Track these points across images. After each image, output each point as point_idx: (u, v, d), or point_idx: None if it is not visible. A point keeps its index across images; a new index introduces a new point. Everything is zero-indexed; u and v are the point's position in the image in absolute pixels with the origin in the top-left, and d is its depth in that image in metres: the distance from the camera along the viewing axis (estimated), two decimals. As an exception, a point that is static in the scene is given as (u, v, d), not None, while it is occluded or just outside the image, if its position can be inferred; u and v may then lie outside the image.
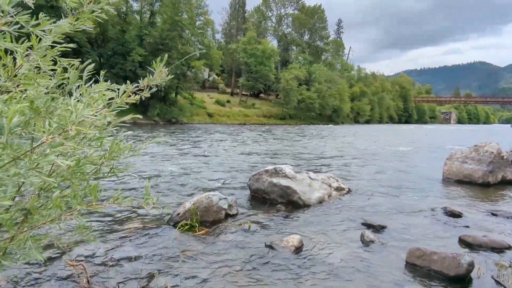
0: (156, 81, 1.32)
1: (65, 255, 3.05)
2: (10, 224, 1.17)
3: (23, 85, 1.26)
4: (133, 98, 1.25)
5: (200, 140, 18.02)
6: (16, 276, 2.73)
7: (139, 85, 1.27)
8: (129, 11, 41.89)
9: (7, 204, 1.02)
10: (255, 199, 5.70)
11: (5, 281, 2.66)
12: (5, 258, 1.31)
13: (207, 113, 47.67)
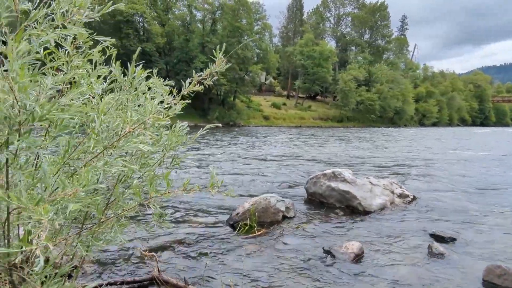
0: (217, 69, 1.43)
1: (140, 245, 3.38)
2: (100, 210, 1.35)
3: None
4: (198, 88, 1.38)
5: (256, 142, 18.37)
6: (98, 260, 3.11)
7: (202, 74, 1.40)
8: (192, 20, 44.52)
9: (102, 187, 1.19)
10: (312, 203, 5.64)
11: (90, 263, 3.04)
12: (95, 241, 1.52)
13: (263, 116, 48.33)
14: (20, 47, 0.91)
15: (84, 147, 1.37)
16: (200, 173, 8.13)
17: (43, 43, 1.05)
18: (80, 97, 1.28)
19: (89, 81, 1.27)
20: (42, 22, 1.02)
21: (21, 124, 1.01)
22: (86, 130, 1.41)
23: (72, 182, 0.98)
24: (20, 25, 0.99)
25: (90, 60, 1.28)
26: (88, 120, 1.35)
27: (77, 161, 1.35)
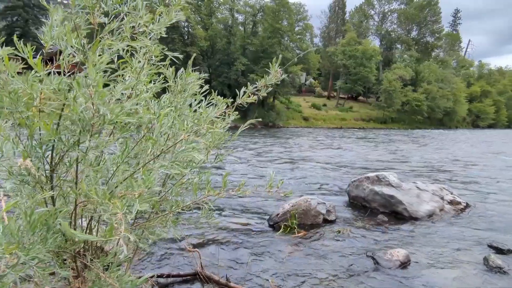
0: (272, 81, 1.46)
1: (184, 241, 3.53)
2: (158, 207, 1.45)
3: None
4: (252, 98, 1.42)
5: (296, 143, 18.24)
6: (147, 253, 3.31)
7: (257, 86, 1.43)
8: (234, 23, 45.39)
9: (157, 190, 1.28)
10: (354, 206, 5.50)
11: (138, 257, 3.25)
12: (151, 234, 1.62)
13: (303, 117, 47.84)
14: (101, 59, 1.02)
15: (140, 147, 1.48)
16: (240, 173, 8.28)
17: (113, 53, 1.16)
18: (141, 102, 1.39)
19: (151, 90, 1.38)
20: (114, 34, 1.13)
21: (94, 125, 1.12)
22: (141, 131, 1.53)
23: (137, 182, 1.07)
24: (96, 36, 1.11)
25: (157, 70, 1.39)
26: (146, 123, 1.45)
27: (134, 159, 1.47)
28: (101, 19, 1.13)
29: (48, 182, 1.24)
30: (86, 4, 1.15)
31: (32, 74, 1.27)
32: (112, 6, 1.16)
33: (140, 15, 1.15)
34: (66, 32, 1.22)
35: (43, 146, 1.19)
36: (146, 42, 1.23)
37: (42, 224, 1.04)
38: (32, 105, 1.26)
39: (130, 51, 1.44)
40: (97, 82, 1.02)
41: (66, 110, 1.18)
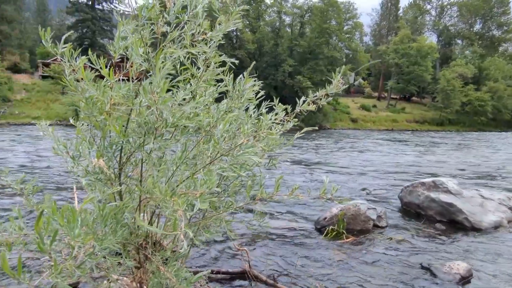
0: (333, 90, 1.44)
1: (234, 240, 3.62)
2: (214, 206, 1.51)
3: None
4: (311, 107, 1.41)
5: (343, 145, 17.71)
6: (198, 251, 3.45)
7: (317, 95, 1.42)
8: (282, 25, 45.47)
9: (216, 190, 1.34)
10: (407, 213, 5.19)
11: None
12: (205, 232, 1.70)
13: (351, 118, 46.24)
14: (163, 66, 1.11)
15: (198, 149, 1.56)
16: (287, 175, 8.26)
17: (174, 60, 1.25)
18: (201, 106, 1.46)
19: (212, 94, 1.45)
20: (175, 42, 1.21)
21: (157, 128, 1.21)
22: (200, 133, 1.60)
23: (198, 182, 1.13)
24: (160, 45, 1.20)
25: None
26: (204, 126, 1.52)
27: (192, 160, 1.55)
28: (164, 28, 1.22)
29: (117, 179, 1.36)
30: (151, 16, 1.24)
31: (104, 82, 1.40)
32: (174, 15, 1.24)
33: (199, 23, 1.21)
34: (133, 43, 1.33)
35: (113, 147, 1.31)
36: (204, 49, 1.30)
37: (112, 217, 1.14)
38: (103, 110, 1.39)
39: (191, 58, 1.52)
40: (161, 88, 1.10)
41: (133, 114, 1.29)
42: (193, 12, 1.28)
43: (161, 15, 1.21)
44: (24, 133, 18.08)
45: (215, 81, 1.68)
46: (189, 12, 1.29)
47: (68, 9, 49.63)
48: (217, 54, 1.56)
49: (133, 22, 1.35)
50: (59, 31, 54.72)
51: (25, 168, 8.24)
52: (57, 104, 32.21)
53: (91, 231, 1.03)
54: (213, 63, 1.60)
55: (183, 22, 1.30)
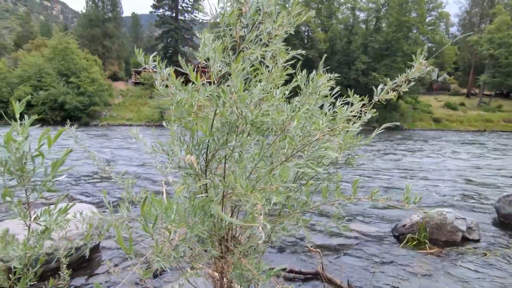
0: (415, 74, 1.36)
1: (306, 240, 3.62)
2: (289, 205, 1.54)
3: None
4: (391, 95, 1.35)
5: (425, 148, 16.14)
6: (273, 246, 3.53)
7: (397, 81, 1.36)
8: (355, 22, 43.63)
9: (293, 186, 1.36)
10: (505, 226, 4.52)
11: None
12: (282, 230, 1.73)
13: (433, 118, 41.92)
14: (241, 67, 1.18)
15: (274, 147, 1.60)
16: (362, 177, 7.89)
17: (252, 61, 1.31)
18: (275, 103, 1.51)
19: (283, 92, 1.49)
20: (253, 43, 1.28)
21: (238, 126, 1.29)
22: (275, 132, 1.65)
23: (274, 177, 1.17)
24: (238, 47, 1.28)
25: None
26: (279, 124, 1.57)
27: (269, 158, 1.60)
28: (242, 32, 1.29)
29: (203, 175, 1.48)
30: (231, 22, 1.33)
31: (191, 86, 1.54)
32: (250, 18, 1.31)
33: (274, 20, 1.26)
34: (215, 48, 1.44)
35: (200, 145, 1.43)
36: (278, 46, 1.34)
37: (200, 208, 1.26)
38: (191, 111, 1.53)
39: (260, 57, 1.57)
40: (238, 88, 1.18)
41: (217, 115, 1.39)
42: (267, 11, 1.33)
43: (239, 19, 1.29)
44: (119, 133, 20.73)
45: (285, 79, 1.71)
46: (262, 12, 1.34)
47: (156, 22, 55.57)
48: (283, 50, 1.58)
49: (213, 29, 1.46)
50: (149, 42, 61.54)
51: (123, 165, 9.43)
52: (146, 107, 36.26)
53: (183, 220, 1.15)
54: (281, 59, 1.62)
55: (258, 23, 1.36)
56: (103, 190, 1.42)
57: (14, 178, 1.40)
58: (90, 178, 7.14)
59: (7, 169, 1.36)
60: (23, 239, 1.49)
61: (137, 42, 65.89)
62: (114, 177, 1.78)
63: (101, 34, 51.15)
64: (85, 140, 15.83)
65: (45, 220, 1.44)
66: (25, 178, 1.42)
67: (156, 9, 57.64)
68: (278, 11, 1.30)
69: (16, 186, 1.42)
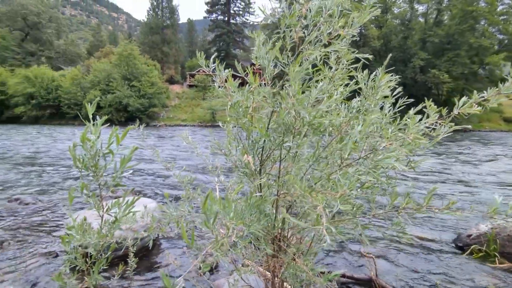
0: (509, 90, 1.19)
1: (365, 246, 3.49)
2: (351, 210, 1.50)
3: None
4: (476, 110, 1.23)
5: (492, 151, 14.52)
6: (323, 249, 3.46)
7: (484, 95, 1.23)
8: (413, 16, 40.96)
9: (354, 194, 1.32)
10: None
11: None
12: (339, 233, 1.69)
13: (503, 118, 37.58)
14: (296, 68, 1.18)
15: (330, 150, 1.57)
16: (424, 184, 7.38)
17: (311, 62, 1.30)
18: (334, 104, 1.48)
19: (343, 93, 1.46)
20: (312, 44, 1.27)
21: (295, 127, 1.29)
22: (331, 133, 1.62)
23: (339, 183, 1.15)
24: (298, 48, 1.28)
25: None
26: (337, 126, 1.53)
27: (324, 159, 1.58)
28: (301, 33, 1.29)
29: (258, 174, 1.51)
30: (291, 23, 1.33)
31: (247, 88, 1.58)
32: (311, 19, 1.30)
33: (336, 21, 1.23)
34: (269, 50, 1.46)
35: (256, 145, 1.46)
36: (339, 46, 1.31)
37: (256, 207, 1.28)
38: (247, 112, 1.57)
39: (323, 58, 1.56)
40: (297, 91, 1.18)
41: (274, 116, 1.41)
42: (328, 12, 1.31)
43: (300, 21, 1.28)
44: (173, 133, 21.96)
45: (347, 79, 1.66)
46: (324, 13, 1.32)
47: (210, 27, 57.98)
48: (349, 51, 1.54)
49: (264, 30, 1.48)
50: (202, 46, 64.44)
51: (180, 163, 9.97)
52: (199, 108, 37.98)
53: (241, 217, 1.18)
54: (345, 60, 1.59)
55: (319, 24, 1.35)
56: (166, 193, 1.53)
57: (89, 173, 1.56)
58: (149, 174, 7.67)
59: (84, 165, 1.52)
60: (97, 228, 1.65)
61: (192, 47, 69.21)
62: (174, 174, 1.89)
63: (160, 41, 54.71)
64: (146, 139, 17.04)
65: (115, 212, 1.59)
66: (98, 173, 1.57)
67: (209, 14, 60.07)
68: (340, 10, 1.27)
69: (92, 180, 1.58)
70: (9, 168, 8.49)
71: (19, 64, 46.11)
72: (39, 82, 37.42)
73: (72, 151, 1.38)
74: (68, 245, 1.47)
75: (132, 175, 7.51)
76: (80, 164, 1.48)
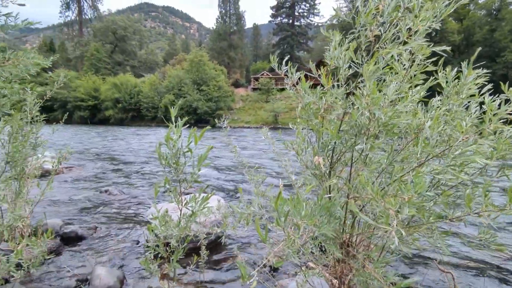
0: None
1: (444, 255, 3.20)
2: (423, 214, 1.40)
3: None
4: None
5: None
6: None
7: None
8: (503, 4, 36.06)
9: (428, 195, 1.23)
10: None
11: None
12: (414, 241, 1.59)
13: None
14: (370, 68, 1.15)
15: (407, 153, 1.48)
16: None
17: (387, 61, 1.25)
18: (409, 104, 1.40)
19: (419, 92, 1.36)
20: (389, 41, 1.22)
21: (369, 129, 1.25)
22: (409, 135, 1.52)
23: (406, 186, 1.09)
24: (373, 47, 1.24)
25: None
26: (413, 127, 1.44)
27: (400, 163, 1.49)
28: (377, 31, 1.24)
29: (327, 177, 1.50)
30: (367, 21, 1.29)
31: (319, 89, 1.58)
32: (388, 16, 1.25)
33: (416, 14, 1.16)
34: (345, 50, 1.43)
35: (326, 147, 1.45)
36: (419, 42, 1.23)
37: (325, 209, 1.28)
38: (318, 113, 1.57)
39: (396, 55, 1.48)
40: (372, 90, 1.14)
41: (346, 117, 1.38)
42: (409, 5, 1.24)
43: (375, 18, 1.24)
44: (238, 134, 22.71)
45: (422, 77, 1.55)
46: (403, 8, 1.26)
47: (274, 30, 58.90)
48: (424, 46, 1.44)
49: (330, 31, 1.45)
50: (267, 50, 65.75)
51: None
52: (262, 111, 38.76)
53: (311, 218, 1.19)
54: (420, 56, 1.48)
55: (396, 20, 1.28)
56: (240, 188, 1.61)
57: (171, 170, 1.71)
58: (215, 170, 8.07)
59: (167, 162, 1.67)
60: (176, 220, 1.81)
61: (257, 51, 70.89)
62: (245, 173, 1.97)
63: (227, 46, 57.25)
64: (214, 140, 17.94)
65: (192, 206, 1.72)
66: (179, 170, 1.72)
67: (274, 18, 60.91)
68: (421, 5, 1.20)
69: (173, 176, 1.73)
70: (101, 163, 9.71)
71: (109, 73, 52.60)
72: (124, 88, 42.20)
73: (158, 149, 1.53)
74: (152, 234, 1.64)
75: (202, 173, 7.95)
76: (163, 161, 1.64)
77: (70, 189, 6.28)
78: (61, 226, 3.83)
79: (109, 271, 2.68)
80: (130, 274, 2.91)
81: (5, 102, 2.46)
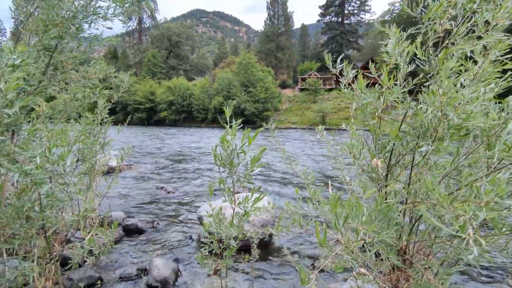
0: None
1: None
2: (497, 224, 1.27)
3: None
4: None
5: None
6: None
7: None
8: None
9: (509, 203, 1.11)
10: None
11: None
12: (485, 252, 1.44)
13: None
14: (448, 64, 1.06)
15: (477, 156, 1.35)
16: None
17: (459, 57, 1.15)
18: (481, 104, 1.28)
19: (494, 90, 1.24)
20: (462, 36, 1.12)
21: (437, 130, 1.16)
22: (478, 138, 1.39)
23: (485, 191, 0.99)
24: (442, 42, 1.15)
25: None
26: (486, 130, 1.32)
27: (468, 168, 1.37)
28: (448, 25, 1.15)
29: (384, 180, 1.43)
30: (437, 15, 1.20)
31: (377, 88, 1.51)
32: (461, 8, 1.15)
33: (498, 4, 1.05)
34: (407, 47, 1.35)
35: (383, 149, 1.39)
36: (497, 36, 1.11)
37: (384, 214, 1.21)
38: (375, 114, 1.50)
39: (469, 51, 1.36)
40: (448, 88, 1.05)
41: (408, 118, 1.30)
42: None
43: (447, 11, 1.15)
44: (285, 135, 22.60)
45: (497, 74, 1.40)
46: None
47: (323, 29, 57.82)
48: (501, 40, 1.29)
49: (384, 27, 1.37)
50: (314, 50, 64.77)
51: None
52: (309, 112, 38.22)
53: (371, 223, 1.14)
54: (496, 52, 1.34)
55: (470, 13, 1.18)
56: (296, 189, 1.59)
57: (226, 170, 1.76)
58: (266, 170, 8.13)
59: (222, 163, 1.72)
60: (229, 218, 1.85)
61: (304, 51, 70.02)
62: (298, 173, 1.96)
63: (275, 47, 57.42)
64: (263, 140, 18.13)
65: (245, 206, 1.75)
66: (233, 170, 1.76)
67: (323, 17, 59.68)
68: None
69: (227, 176, 1.78)
70: (157, 161, 10.34)
71: (164, 77, 55.89)
72: (177, 91, 44.51)
73: (214, 150, 1.59)
74: (207, 231, 1.70)
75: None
76: (218, 161, 1.69)
77: (129, 185, 6.78)
78: (123, 218, 4.15)
79: (165, 263, 2.84)
80: (183, 266, 3.06)
81: (79, 105, 2.74)
